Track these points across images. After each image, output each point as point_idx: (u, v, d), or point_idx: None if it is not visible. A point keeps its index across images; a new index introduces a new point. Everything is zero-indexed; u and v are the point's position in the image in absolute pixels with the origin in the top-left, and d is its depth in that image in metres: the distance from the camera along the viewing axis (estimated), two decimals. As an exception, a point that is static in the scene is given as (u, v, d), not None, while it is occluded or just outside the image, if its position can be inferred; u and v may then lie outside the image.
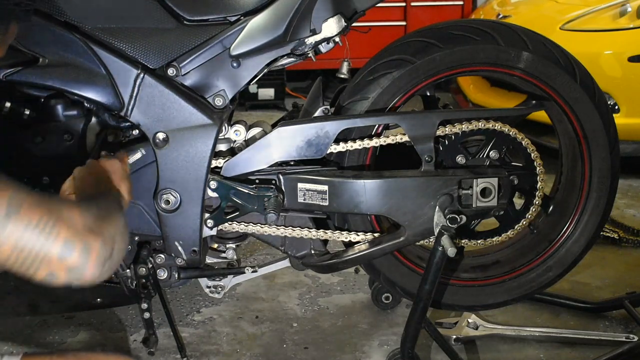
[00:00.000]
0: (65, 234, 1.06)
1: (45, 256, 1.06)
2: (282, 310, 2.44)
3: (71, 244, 1.07)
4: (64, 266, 1.07)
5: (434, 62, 1.96)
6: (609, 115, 2.07)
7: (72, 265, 1.08)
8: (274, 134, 1.91)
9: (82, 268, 1.08)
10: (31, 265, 1.07)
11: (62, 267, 1.07)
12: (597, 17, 3.69)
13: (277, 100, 5.02)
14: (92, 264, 1.09)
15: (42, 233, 1.05)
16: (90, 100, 1.83)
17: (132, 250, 1.94)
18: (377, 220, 2.06)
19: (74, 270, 1.08)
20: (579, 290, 2.54)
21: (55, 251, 1.06)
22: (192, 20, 1.88)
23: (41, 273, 1.08)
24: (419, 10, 5.22)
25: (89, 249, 1.08)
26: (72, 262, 1.07)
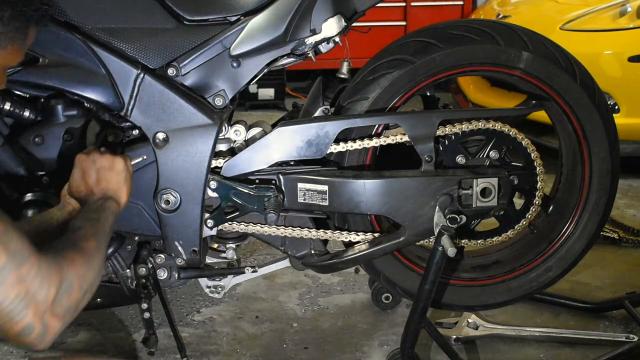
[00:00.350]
0: (31, 318, 1.14)
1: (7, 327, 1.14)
2: (282, 310, 2.44)
3: (32, 328, 1.14)
4: (18, 340, 1.16)
5: (434, 62, 1.96)
6: (609, 115, 2.07)
7: (25, 342, 1.16)
8: (274, 134, 1.91)
9: (33, 346, 1.17)
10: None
11: (16, 340, 1.16)
12: (597, 17, 3.69)
13: (277, 100, 5.02)
14: (42, 345, 1.18)
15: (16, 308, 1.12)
16: (90, 100, 1.83)
17: (132, 250, 1.94)
18: (377, 220, 2.06)
19: (25, 345, 1.17)
20: (579, 290, 2.54)
21: (17, 328, 1.14)
22: (192, 20, 1.88)
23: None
24: (419, 10, 5.22)
25: (47, 332, 1.17)
26: (26, 340, 1.16)
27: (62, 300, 1.18)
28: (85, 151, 1.60)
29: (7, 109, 1.80)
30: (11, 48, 1.29)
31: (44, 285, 1.16)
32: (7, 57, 1.30)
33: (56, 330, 1.18)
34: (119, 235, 1.90)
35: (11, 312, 1.12)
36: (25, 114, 1.82)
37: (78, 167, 1.56)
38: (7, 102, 1.79)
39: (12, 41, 1.28)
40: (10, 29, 1.26)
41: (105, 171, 1.56)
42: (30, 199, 1.80)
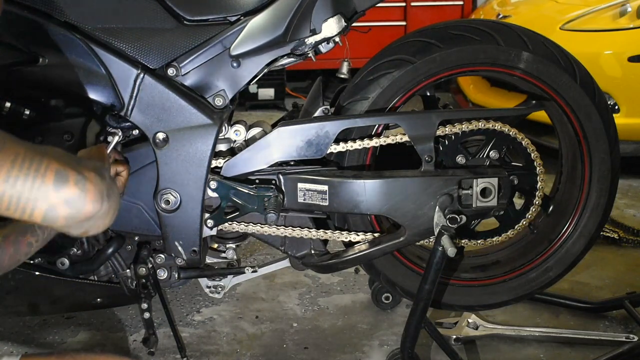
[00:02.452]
0: (57, 166, 1.01)
1: (39, 189, 1.00)
2: (282, 310, 2.44)
3: (65, 174, 1.01)
4: (62, 198, 1.01)
5: (434, 62, 1.96)
6: (609, 115, 2.07)
7: (69, 196, 1.02)
8: (274, 134, 1.91)
9: (81, 199, 1.02)
10: (27, 205, 1.00)
11: (60, 199, 1.01)
12: (597, 17, 3.69)
13: (277, 100, 5.02)
14: (90, 194, 1.03)
15: (32, 165, 1.00)
16: (90, 100, 1.83)
17: (132, 250, 1.94)
18: (377, 220, 2.06)
19: (72, 202, 1.02)
20: (579, 290, 2.54)
21: (49, 182, 1.00)
22: (192, 20, 1.88)
23: (39, 212, 1.01)
24: (419, 10, 5.22)
25: (84, 179, 1.02)
26: (69, 192, 1.01)
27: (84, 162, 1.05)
28: None
29: (7, 109, 1.80)
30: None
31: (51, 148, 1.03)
32: None
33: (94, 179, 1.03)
34: (119, 235, 1.90)
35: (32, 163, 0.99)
36: (25, 114, 1.82)
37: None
38: (7, 102, 1.79)
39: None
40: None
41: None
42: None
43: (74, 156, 1.09)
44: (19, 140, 1.04)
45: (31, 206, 1.01)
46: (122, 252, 1.94)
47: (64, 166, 1.02)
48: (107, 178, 1.09)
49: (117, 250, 1.90)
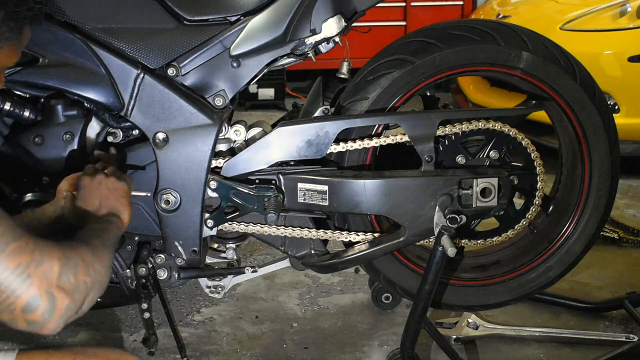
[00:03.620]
0: (36, 290, 1.07)
1: (11, 304, 1.07)
2: (282, 310, 2.44)
3: (37, 302, 1.08)
4: (25, 318, 1.09)
5: (434, 62, 1.96)
6: (609, 115, 2.07)
7: (32, 320, 1.09)
8: (274, 134, 1.91)
9: (42, 324, 1.10)
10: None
11: (23, 319, 1.09)
12: (597, 17, 3.69)
13: (277, 100, 5.02)
14: (52, 323, 1.10)
15: (16, 280, 1.06)
16: (90, 100, 1.83)
17: (132, 250, 1.94)
18: (377, 220, 2.06)
19: (34, 324, 1.10)
20: (579, 290, 2.54)
21: (20, 303, 1.07)
22: (192, 20, 1.87)
23: (2, 316, 1.09)
24: (419, 10, 5.22)
25: (54, 309, 1.09)
26: (33, 317, 1.09)
27: (69, 276, 1.10)
28: (87, 172, 1.57)
29: (7, 109, 1.80)
30: (7, 48, 1.29)
31: (46, 258, 1.09)
32: (4, 57, 1.30)
33: (65, 308, 1.10)
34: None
35: (12, 284, 1.05)
36: (25, 114, 1.82)
37: (85, 188, 1.54)
38: (7, 102, 1.79)
39: (7, 41, 1.28)
40: (4, 30, 1.26)
41: (110, 192, 1.55)
42: (30, 199, 1.80)
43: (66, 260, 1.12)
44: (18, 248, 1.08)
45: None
46: (122, 252, 1.93)
47: (42, 291, 1.08)
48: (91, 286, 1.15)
49: (117, 250, 1.90)
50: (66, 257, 1.12)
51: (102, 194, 1.53)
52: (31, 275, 1.07)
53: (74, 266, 1.12)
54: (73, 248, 1.16)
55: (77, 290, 1.12)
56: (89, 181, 1.55)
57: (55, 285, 1.09)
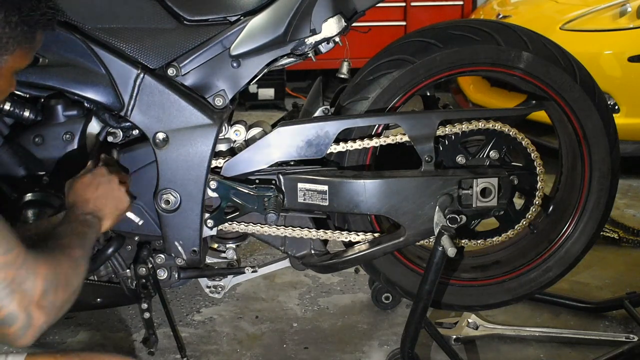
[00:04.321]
0: (15, 307, 1.11)
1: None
2: (282, 310, 2.44)
3: (14, 319, 1.12)
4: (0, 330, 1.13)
5: (434, 62, 1.96)
6: (609, 115, 2.07)
7: (6, 333, 1.13)
8: (274, 134, 1.91)
9: (15, 339, 1.14)
10: None
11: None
12: (597, 17, 3.69)
13: (277, 100, 5.02)
14: (24, 339, 1.14)
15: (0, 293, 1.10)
16: (90, 100, 1.83)
17: (132, 250, 1.94)
18: (377, 220, 2.06)
19: (7, 337, 1.14)
20: (579, 290, 2.54)
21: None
22: (192, 20, 1.87)
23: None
24: (419, 10, 5.22)
25: (30, 326, 1.14)
26: (8, 331, 1.13)
27: (49, 295, 1.16)
28: (108, 167, 1.60)
29: (7, 109, 1.80)
30: (19, 52, 1.31)
31: (31, 276, 1.13)
32: (16, 60, 1.32)
33: (40, 326, 1.15)
34: (119, 235, 1.90)
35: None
36: (25, 114, 1.82)
37: (93, 174, 1.56)
38: (7, 102, 1.79)
39: (20, 45, 1.30)
40: (17, 33, 1.28)
41: (111, 196, 1.56)
42: (30, 199, 1.80)
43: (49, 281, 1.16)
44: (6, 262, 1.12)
45: None
46: (122, 252, 1.94)
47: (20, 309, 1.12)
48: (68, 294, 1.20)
49: (117, 250, 1.90)
50: (51, 274, 1.17)
51: (100, 191, 1.54)
52: (14, 292, 1.11)
53: (55, 285, 1.17)
54: (58, 263, 1.20)
55: (54, 308, 1.17)
56: (104, 172, 1.57)
57: (35, 303, 1.14)
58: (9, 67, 1.31)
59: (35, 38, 1.33)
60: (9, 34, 1.26)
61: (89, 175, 1.56)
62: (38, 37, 1.35)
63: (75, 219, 1.46)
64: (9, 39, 1.27)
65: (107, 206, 1.54)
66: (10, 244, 1.12)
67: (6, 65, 1.30)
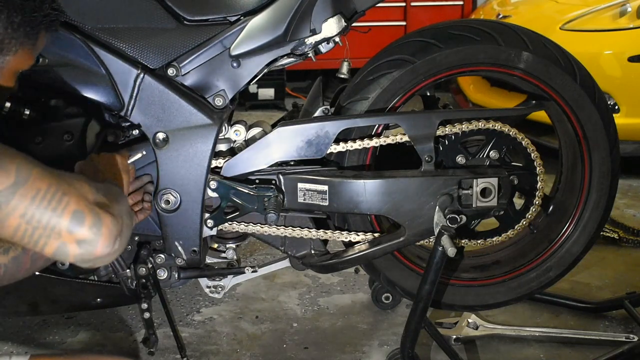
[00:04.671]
0: (75, 206, 1.06)
1: (54, 227, 1.05)
2: (282, 310, 2.44)
3: (81, 216, 1.06)
4: (74, 238, 1.06)
5: (434, 62, 1.96)
6: (609, 115, 2.07)
7: (82, 238, 1.07)
8: (274, 134, 1.91)
9: (93, 242, 1.07)
10: (40, 238, 1.05)
11: (73, 240, 1.06)
12: (597, 17, 3.69)
13: (277, 100, 5.02)
14: (103, 239, 1.08)
15: (51, 203, 1.04)
16: (90, 100, 1.83)
17: (132, 250, 1.94)
18: (377, 220, 2.06)
19: (85, 243, 1.07)
20: (579, 290, 2.54)
21: (64, 222, 1.05)
22: (192, 20, 1.87)
23: (51, 246, 1.06)
24: (419, 10, 5.22)
25: (100, 222, 1.07)
26: (82, 234, 1.06)
27: (100, 196, 1.10)
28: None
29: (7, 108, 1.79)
30: (22, 52, 1.31)
31: (74, 179, 1.08)
32: (18, 61, 1.32)
33: (111, 221, 1.08)
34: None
35: (51, 201, 1.03)
36: (25, 114, 1.82)
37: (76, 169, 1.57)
38: (7, 101, 1.79)
39: (23, 46, 1.30)
40: (20, 34, 1.28)
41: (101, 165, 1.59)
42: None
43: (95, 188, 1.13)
44: (44, 172, 1.07)
45: (44, 241, 1.06)
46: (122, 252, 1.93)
47: (82, 207, 1.06)
48: (123, 215, 1.15)
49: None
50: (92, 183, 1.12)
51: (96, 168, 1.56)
52: (64, 196, 1.06)
53: (101, 189, 1.13)
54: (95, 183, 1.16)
55: (113, 206, 1.11)
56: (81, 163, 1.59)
57: (92, 201, 1.08)
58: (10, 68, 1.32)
59: (37, 39, 1.34)
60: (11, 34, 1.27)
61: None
62: (41, 38, 1.35)
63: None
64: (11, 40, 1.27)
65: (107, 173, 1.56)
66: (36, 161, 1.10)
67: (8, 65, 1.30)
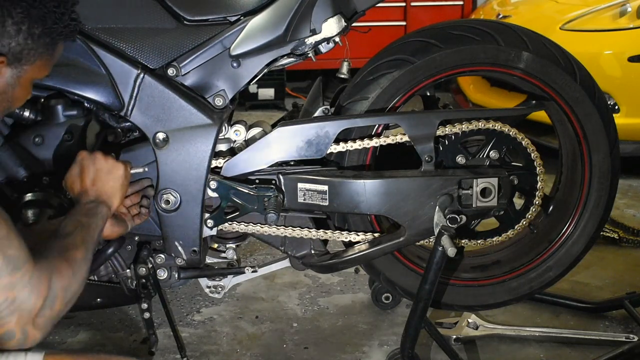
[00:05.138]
0: (13, 325, 1.19)
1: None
2: (282, 310, 2.44)
3: (12, 335, 1.19)
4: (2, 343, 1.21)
5: (434, 62, 1.96)
6: (609, 115, 2.07)
7: (4, 345, 1.21)
8: (274, 134, 1.91)
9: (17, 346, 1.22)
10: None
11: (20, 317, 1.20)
12: (597, 17, 3.69)
13: (277, 100, 5.02)
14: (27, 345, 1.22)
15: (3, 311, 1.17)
16: (90, 100, 1.83)
17: (132, 250, 1.94)
18: (377, 220, 2.06)
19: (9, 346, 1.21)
20: (579, 290, 2.54)
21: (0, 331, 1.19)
22: (192, 20, 1.88)
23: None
24: (419, 10, 5.22)
25: (26, 342, 1.21)
26: (5, 345, 1.21)
27: (45, 312, 1.22)
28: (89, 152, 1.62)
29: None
30: (39, 63, 1.32)
31: (32, 296, 1.19)
32: (35, 71, 1.33)
33: (35, 341, 1.23)
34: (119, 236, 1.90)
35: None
36: (25, 114, 1.82)
37: (78, 163, 1.58)
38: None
39: (41, 56, 1.31)
40: (39, 44, 1.29)
41: (103, 174, 1.57)
42: (30, 199, 1.80)
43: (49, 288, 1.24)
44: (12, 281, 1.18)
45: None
46: (122, 252, 1.94)
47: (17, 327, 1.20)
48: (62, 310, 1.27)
49: (117, 250, 1.90)
50: (50, 290, 1.22)
51: (95, 172, 1.56)
52: (14, 312, 1.18)
53: (53, 300, 1.23)
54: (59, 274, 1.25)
55: (49, 324, 1.24)
56: (84, 156, 1.58)
57: (31, 323, 1.20)
58: (28, 77, 1.32)
59: (55, 49, 1.34)
60: (31, 45, 1.27)
61: (75, 166, 1.58)
62: (59, 48, 1.36)
63: (79, 212, 1.48)
64: (31, 50, 1.28)
65: (105, 185, 1.57)
66: (20, 261, 1.18)
67: (25, 75, 1.31)
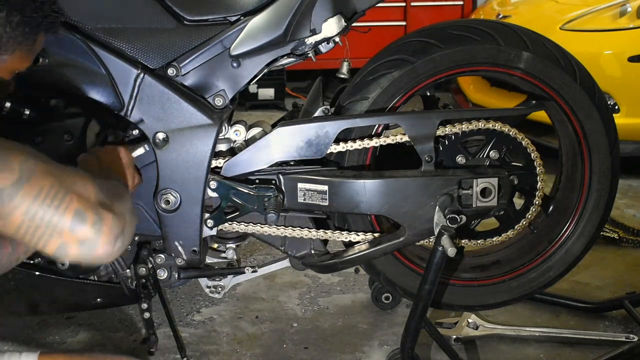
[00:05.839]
0: (78, 205, 1.06)
1: (56, 227, 1.05)
2: (282, 310, 2.44)
3: (83, 216, 1.06)
4: (76, 238, 1.06)
5: (434, 62, 1.96)
6: (609, 115, 2.07)
7: (83, 238, 1.07)
8: (274, 134, 1.91)
9: (94, 242, 1.07)
10: (42, 237, 1.06)
11: (74, 240, 1.06)
12: (597, 17, 3.69)
13: (277, 100, 5.02)
14: (104, 239, 1.08)
15: (53, 202, 1.04)
16: (90, 100, 1.83)
17: (132, 250, 1.94)
18: (377, 220, 2.06)
19: (86, 243, 1.07)
20: (579, 290, 2.54)
21: (66, 222, 1.05)
22: (192, 20, 1.88)
23: (52, 245, 1.06)
24: (419, 10, 5.22)
25: (102, 222, 1.07)
26: (83, 234, 1.06)
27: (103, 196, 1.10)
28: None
29: (7, 108, 1.80)
30: (19, 53, 1.31)
31: (78, 179, 1.08)
32: (15, 61, 1.32)
33: (112, 221, 1.09)
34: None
35: (53, 199, 1.04)
36: (25, 113, 1.82)
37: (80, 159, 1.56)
38: (7, 101, 1.79)
39: (20, 45, 1.30)
40: (18, 33, 1.28)
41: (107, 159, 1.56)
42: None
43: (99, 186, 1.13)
44: (48, 169, 1.07)
45: (45, 239, 1.06)
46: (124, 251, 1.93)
47: (83, 206, 1.06)
48: (126, 214, 1.15)
49: (117, 250, 1.90)
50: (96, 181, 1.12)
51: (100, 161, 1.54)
52: (67, 196, 1.06)
53: (105, 188, 1.13)
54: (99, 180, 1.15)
55: (115, 206, 1.11)
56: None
57: (94, 201, 1.08)
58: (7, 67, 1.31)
59: (36, 40, 1.34)
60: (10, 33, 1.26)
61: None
62: (39, 39, 1.35)
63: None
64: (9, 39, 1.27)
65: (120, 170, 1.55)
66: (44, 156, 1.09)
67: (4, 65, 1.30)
